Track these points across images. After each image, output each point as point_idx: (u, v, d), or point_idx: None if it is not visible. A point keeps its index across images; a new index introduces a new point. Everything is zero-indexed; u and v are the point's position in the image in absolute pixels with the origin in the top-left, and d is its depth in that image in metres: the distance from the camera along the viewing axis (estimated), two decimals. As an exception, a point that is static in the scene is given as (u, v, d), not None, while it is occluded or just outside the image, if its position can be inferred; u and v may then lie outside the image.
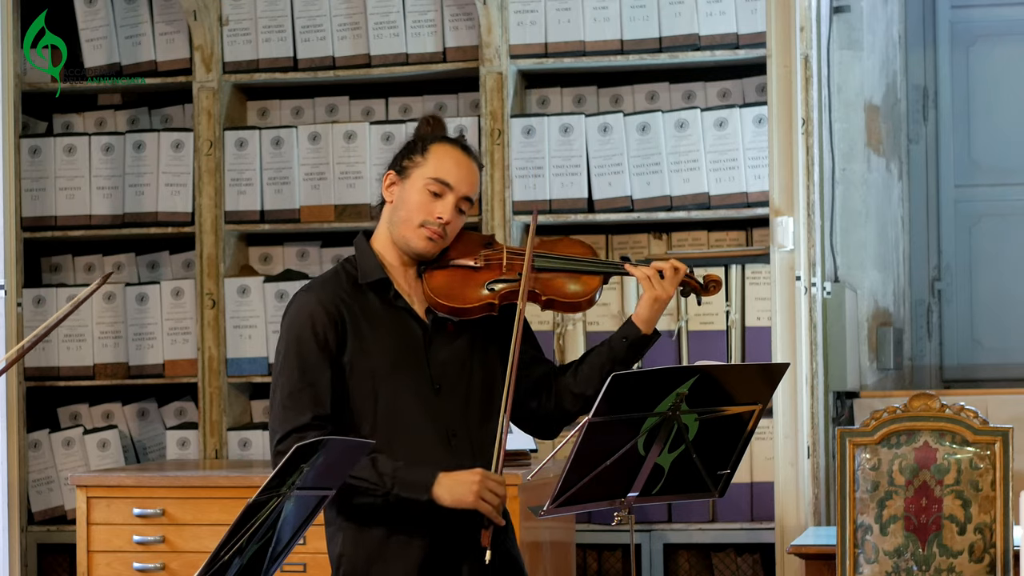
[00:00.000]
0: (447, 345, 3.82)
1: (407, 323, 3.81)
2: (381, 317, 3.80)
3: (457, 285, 3.81)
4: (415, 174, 3.82)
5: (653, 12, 5.91)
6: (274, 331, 6.10)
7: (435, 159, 3.82)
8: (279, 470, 3.22)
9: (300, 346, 3.77)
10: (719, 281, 3.91)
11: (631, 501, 3.64)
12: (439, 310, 3.80)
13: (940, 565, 4.57)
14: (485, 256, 3.85)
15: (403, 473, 3.69)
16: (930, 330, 6.77)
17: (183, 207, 6.20)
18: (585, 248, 3.92)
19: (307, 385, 3.75)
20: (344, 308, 3.79)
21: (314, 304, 3.79)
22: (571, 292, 3.84)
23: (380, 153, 6.07)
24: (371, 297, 3.81)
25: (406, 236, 3.81)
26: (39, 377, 6.24)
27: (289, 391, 3.75)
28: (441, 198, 3.79)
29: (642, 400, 3.53)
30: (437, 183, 3.79)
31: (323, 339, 3.76)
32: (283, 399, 3.76)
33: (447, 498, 3.68)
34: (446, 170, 3.80)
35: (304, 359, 3.76)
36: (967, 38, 6.78)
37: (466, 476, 3.69)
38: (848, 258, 6.14)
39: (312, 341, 3.76)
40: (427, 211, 3.79)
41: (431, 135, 3.87)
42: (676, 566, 5.87)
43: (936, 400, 4.65)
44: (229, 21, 6.20)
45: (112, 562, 5.37)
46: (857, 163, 6.20)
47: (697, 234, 6.02)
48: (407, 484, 3.69)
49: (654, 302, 3.81)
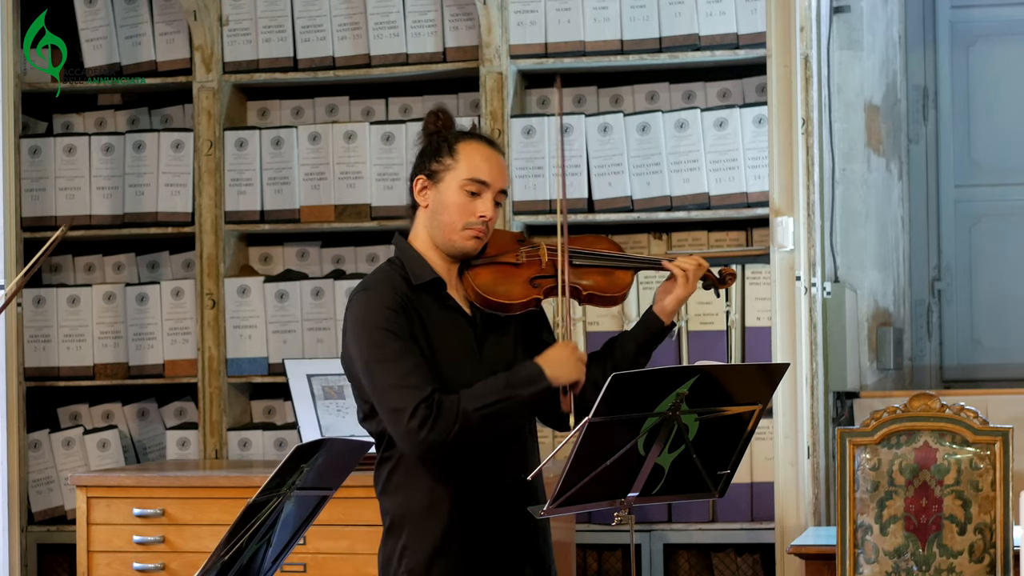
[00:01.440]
0: (496, 342, 3.89)
1: (459, 321, 3.86)
2: (437, 316, 3.84)
3: (502, 282, 3.88)
4: (448, 177, 3.85)
5: (653, 12, 5.91)
6: (274, 331, 6.11)
7: (466, 159, 3.85)
8: (279, 470, 3.22)
9: (390, 333, 3.76)
10: (734, 274, 4.08)
11: (631, 501, 3.64)
12: (486, 307, 3.87)
13: (940, 565, 4.57)
14: (526, 252, 3.93)
15: (512, 378, 3.77)
16: (930, 330, 6.77)
17: (183, 207, 6.20)
18: (611, 244, 4.02)
19: (415, 364, 3.74)
20: (408, 304, 3.81)
21: (388, 296, 3.80)
22: (609, 286, 3.95)
23: (380, 153, 6.07)
24: (425, 297, 3.85)
25: (451, 239, 3.85)
26: (39, 377, 6.24)
27: (401, 372, 3.73)
28: (479, 196, 3.84)
29: (642, 400, 3.53)
30: (474, 183, 3.84)
31: (405, 327, 3.78)
32: (397, 381, 3.73)
33: (563, 377, 3.79)
34: (479, 168, 3.85)
35: (402, 342, 3.76)
36: (967, 38, 6.79)
37: (561, 354, 3.81)
38: (848, 258, 6.14)
39: (398, 328, 3.77)
40: (468, 212, 3.84)
41: (454, 134, 3.90)
42: (676, 566, 5.87)
43: (936, 400, 4.65)
44: (229, 21, 6.20)
45: (112, 562, 5.37)
46: (857, 163, 6.20)
47: (697, 234, 6.02)
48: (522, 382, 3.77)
49: (682, 296, 3.94)
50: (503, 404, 3.73)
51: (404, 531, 3.82)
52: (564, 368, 3.79)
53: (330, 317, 6.08)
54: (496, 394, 3.74)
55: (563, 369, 3.79)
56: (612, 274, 3.95)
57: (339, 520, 5.16)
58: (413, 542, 3.80)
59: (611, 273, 3.95)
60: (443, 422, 3.68)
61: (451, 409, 3.69)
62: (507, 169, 3.92)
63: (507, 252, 3.92)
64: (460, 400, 3.71)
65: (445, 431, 3.67)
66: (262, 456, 6.08)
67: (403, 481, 3.82)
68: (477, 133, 3.93)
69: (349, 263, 6.28)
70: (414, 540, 3.80)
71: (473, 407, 3.70)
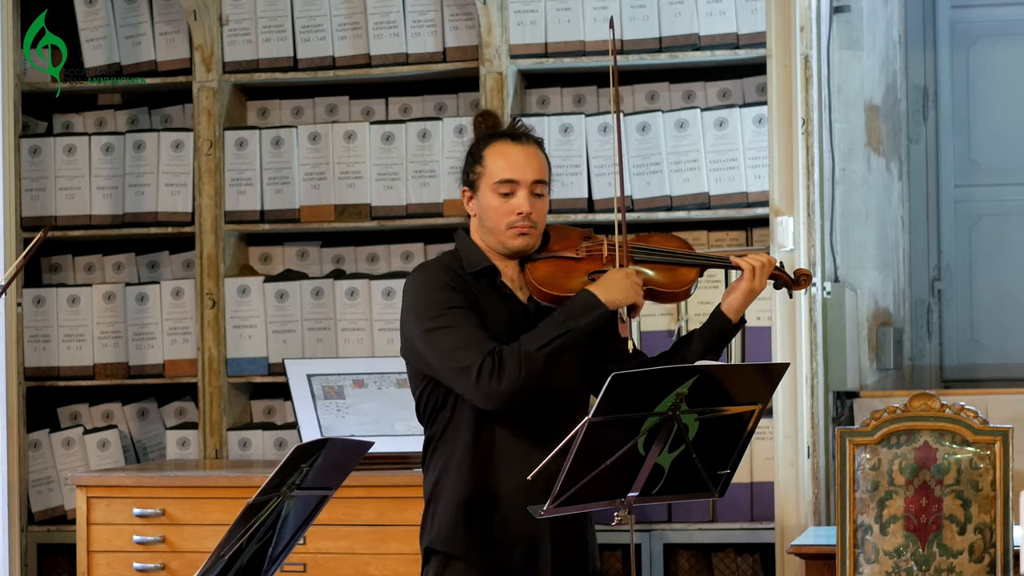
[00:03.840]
0: None
1: (513, 308, 3.93)
2: (491, 300, 3.92)
3: (560, 275, 3.94)
4: (482, 184, 3.94)
5: (653, 12, 5.91)
6: (274, 331, 6.11)
7: (491, 163, 3.93)
8: (279, 470, 3.22)
9: (446, 305, 3.85)
10: (809, 275, 4.09)
11: (631, 501, 3.64)
12: (541, 299, 3.92)
13: (940, 565, 4.57)
14: (587, 248, 3.97)
15: (569, 310, 3.82)
16: (930, 330, 6.77)
17: (183, 207, 6.20)
18: (681, 242, 4.06)
19: (474, 326, 3.82)
20: (463, 284, 3.90)
21: (442, 275, 3.90)
22: (670, 282, 3.97)
23: (380, 153, 6.07)
24: (480, 283, 3.93)
25: (501, 241, 3.93)
26: (39, 377, 6.24)
27: (461, 334, 3.82)
28: (513, 195, 3.91)
29: (642, 400, 3.53)
30: (503, 184, 3.91)
31: (462, 299, 3.86)
32: (459, 342, 3.81)
33: (620, 299, 3.84)
34: (504, 169, 3.92)
35: (460, 310, 3.84)
36: (967, 38, 6.79)
37: (614, 276, 3.87)
38: (848, 258, 6.15)
39: (455, 300, 3.85)
40: (506, 211, 3.91)
41: (484, 139, 3.97)
42: (676, 566, 5.87)
43: (936, 400, 4.65)
44: (229, 21, 6.20)
45: (112, 562, 5.37)
46: (857, 163, 6.20)
47: (697, 234, 6.02)
48: (580, 311, 3.82)
49: (750, 293, 3.97)
50: (565, 338, 3.80)
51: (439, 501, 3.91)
52: (618, 290, 3.85)
53: (330, 317, 6.08)
54: (556, 329, 3.81)
55: (618, 292, 3.84)
56: (675, 271, 3.98)
57: (339, 520, 5.16)
58: (442, 511, 3.89)
59: (674, 270, 3.98)
60: (509, 370, 3.76)
61: (514, 355, 3.77)
62: (540, 158, 3.95)
63: (569, 247, 3.97)
64: (521, 344, 3.78)
65: (513, 378, 3.75)
66: (262, 456, 6.08)
67: (442, 458, 3.92)
68: (505, 131, 3.98)
69: (349, 263, 6.28)
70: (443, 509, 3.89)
71: (535, 347, 3.78)
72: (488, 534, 3.88)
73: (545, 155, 3.99)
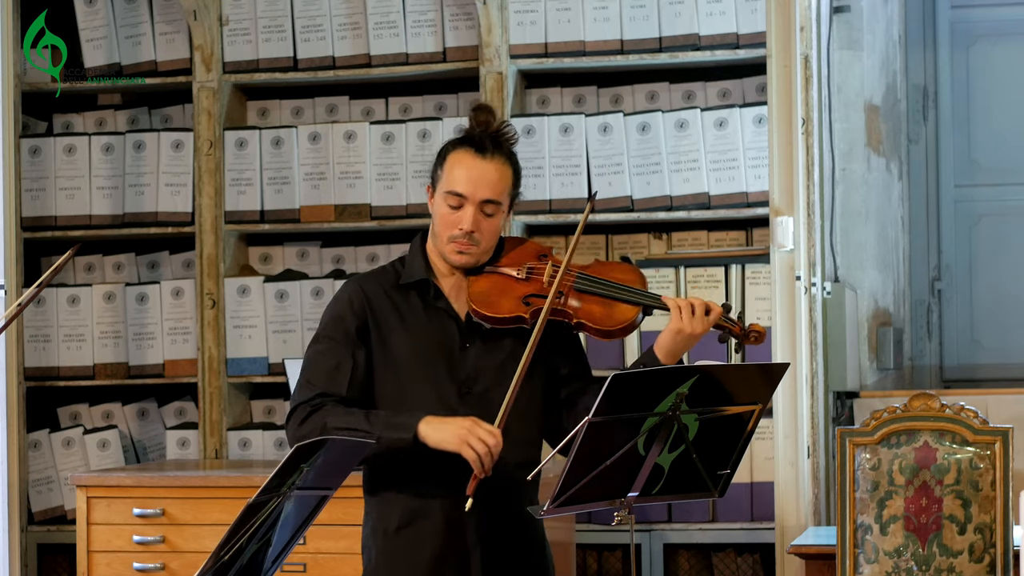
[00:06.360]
0: (484, 350, 3.85)
1: (444, 323, 3.85)
2: (418, 316, 3.84)
3: (495, 294, 3.82)
4: (438, 188, 3.84)
5: (653, 12, 5.91)
6: (274, 331, 6.11)
7: (448, 171, 3.82)
8: (279, 470, 3.22)
9: (332, 327, 3.84)
10: (762, 333, 3.88)
11: (631, 501, 3.64)
12: (473, 314, 3.83)
13: (940, 565, 4.57)
14: (529, 268, 3.85)
15: (392, 417, 3.74)
16: (930, 330, 6.77)
17: (183, 207, 6.20)
18: (636, 276, 3.88)
19: (328, 365, 3.81)
20: (381, 301, 3.84)
21: (355, 290, 3.86)
22: (603, 318, 3.82)
23: (380, 153, 6.07)
24: (412, 296, 3.86)
25: (442, 250, 3.85)
26: (39, 377, 6.24)
27: (311, 371, 3.83)
28: (460, 209, 3.80)
29: (642, 400, 3.53)
30: (452, 196, 3.80)
31: (353, 324, 3.82)
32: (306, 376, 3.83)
33: (433, 437, 3.69)
34: (457, 181, 3.80)
35: (332, 340, 3.83)
36: (967, 38, 6.79)
37: (456, 419, 3.71)
38: (848, 258, 6.14)
39: (343, 324, 3.83)
40: (451, 223, 3.81)
41: (453, 140, 3.86)
42: (676, 566, 5.87)
43: (936, 400, 4.65)
44: (229, 21, 6.20)
45: (112, 562, 5.37)
46: (857, 163, 6.20)
47: (697, 234, 6.02)
48: (394, 425, 3.72)
49: (676, 333, 3.81)
50: (364, 436, 3.68)
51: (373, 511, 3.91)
52: (444, 435, 3.69)
53: (330, 317, 6.07)
54: (359, 424, 3.73)
55: (442, 435, 3.69)
56: (613, 306, 3.82)
57: (339, 520, 5.15)
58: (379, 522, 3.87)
59: (613, 305, 3.82)
60: (305, 429, 3.73)
61: (318, 421, 3.74)
62: (501, 175, 3.80)
63: (513, 265, 3.86)
64: (329, 414, 3.75)
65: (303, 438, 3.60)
66: (262, 456, 6.07)
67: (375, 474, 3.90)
68: (475, 139, 3.83)
69: (349, 263, 6.28)
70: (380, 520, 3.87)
71: (334, 425, 3.73)
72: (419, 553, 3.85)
73: (514, 168, 3.84)
